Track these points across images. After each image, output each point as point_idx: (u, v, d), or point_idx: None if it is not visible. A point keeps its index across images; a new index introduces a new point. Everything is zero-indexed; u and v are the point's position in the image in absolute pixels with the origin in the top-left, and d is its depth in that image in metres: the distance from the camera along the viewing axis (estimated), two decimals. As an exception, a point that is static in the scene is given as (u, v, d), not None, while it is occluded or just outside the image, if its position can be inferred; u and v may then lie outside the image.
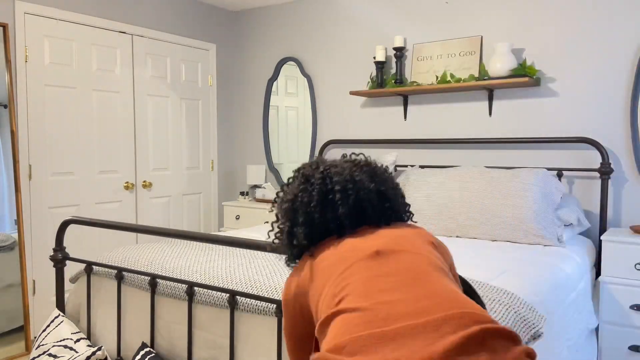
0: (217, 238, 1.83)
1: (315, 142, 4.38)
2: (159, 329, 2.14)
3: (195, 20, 4.48)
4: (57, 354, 2.09)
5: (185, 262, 2.25)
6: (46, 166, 3.46)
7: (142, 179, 4.07)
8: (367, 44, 4.06)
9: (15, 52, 3.27)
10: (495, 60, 3.28)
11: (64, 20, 3.53)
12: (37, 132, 3.41)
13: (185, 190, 4.44)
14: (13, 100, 3.25)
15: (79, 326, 2.42)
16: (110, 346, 2.30)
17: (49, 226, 3.48)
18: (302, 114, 4.50)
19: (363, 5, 4.07)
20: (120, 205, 3.92)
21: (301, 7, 4.42)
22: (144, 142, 4.09)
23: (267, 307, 1.84)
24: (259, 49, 4.70)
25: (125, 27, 3.91)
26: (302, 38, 4.42)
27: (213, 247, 2.57)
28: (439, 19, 3.72)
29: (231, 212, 4.48)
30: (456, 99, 3.67)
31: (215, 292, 1.97)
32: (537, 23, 3.36)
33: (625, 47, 3.09)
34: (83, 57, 3.66)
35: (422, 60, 3.74)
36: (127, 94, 3.95)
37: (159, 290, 2.13)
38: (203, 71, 4.58)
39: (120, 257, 2.37)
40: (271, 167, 4.67)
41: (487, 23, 3.53)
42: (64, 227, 2.35)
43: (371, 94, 3.88)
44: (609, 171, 3.05)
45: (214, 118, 4.69)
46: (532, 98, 3.38)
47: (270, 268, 2.16)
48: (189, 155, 4.47)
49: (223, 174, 4.82)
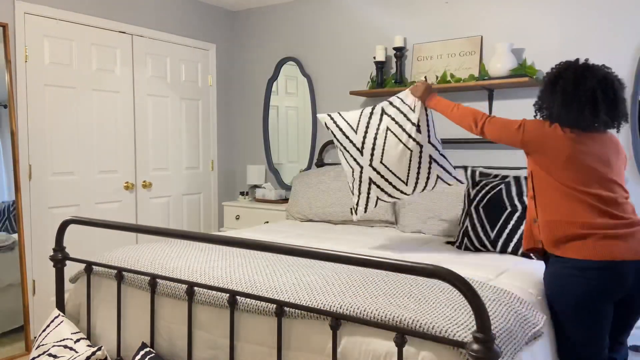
0: (217, 238, 1.83)
1: (315, 142, 4.38)
2: (159, 329, 2.14)
3: (195, 20, 4.48)
4: (57, 354, 2.08)
5: (185, 262, 2.25)
6: (46, 166, 3.46)
7: (142, 179, 4.07)
8: (367, 44, 4.06)
9: (15, 52, 3.27)
10: (495, 60, 3.28)
11: (64, 20, 3.53)
12: (37, 132, 3.41)
13: (185, 190, 4.44)
14: (13, 100, 3.25)
15: (79, 326, 2.42)
16: (110, 346, 2.30)
17: (49, 226, 3.48)
18: (302, 114, 4.50)
19: (363, 5, 4.07)
20: (120, 205, 3.92)
21: (301, 7, 4.42)
22: (144, 142, 4.09)
23: (267, 307, 1.84)
24: (259, 49, 4.70)
25: (125, 27, 3.91)
26: (302, 38, 4.42)
27: (213, 247, 2.57)
28: (439, 19, 3.72)
29: (231, 212, 4.48)
30: (456, 98, 3.67)
31: (215, 292, 1.97)
32: (537, 23, 3.36)
33: (625, 47, 3.09)
34: (83, 57, 3.66)
35: (422, 60, 3.74)
36: (127, 94, 3.95)
37: (159, 290, 2.13)
38: (203, 71, 4.58)
39: (120, 257, 2.37)
40: (271, 167, 4.67)
41: (487, 23, 3.53)
42: (64, 227, 2.35)
43: (371, 94, 3.88)
44: (609, 171, 3.05)
45: (214, 118, 4.69)
46: (532, 98, 3.38)
47: (270, 268, 2.16)
48: (188, 155, 4.47)
49: (223, 174, 4.82)
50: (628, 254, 1.88)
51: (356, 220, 2.82)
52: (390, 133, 2.51)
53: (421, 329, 1.56)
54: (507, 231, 2.65)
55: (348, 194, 3.53)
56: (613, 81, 1.98)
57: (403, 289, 1.85)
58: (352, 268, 2.17)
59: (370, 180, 2.56)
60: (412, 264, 1.43)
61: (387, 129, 2.52)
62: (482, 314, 1.34)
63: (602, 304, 1.92)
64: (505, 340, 1.58)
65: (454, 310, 1.65)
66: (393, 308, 1.66)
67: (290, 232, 3.28)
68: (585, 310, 1.92)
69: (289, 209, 3.85)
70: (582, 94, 1.94)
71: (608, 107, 1.95)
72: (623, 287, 1.91)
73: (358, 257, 1.53)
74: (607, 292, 1.90)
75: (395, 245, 2.88)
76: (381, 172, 2.53)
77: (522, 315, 1.77)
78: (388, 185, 2.56)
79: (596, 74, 1.96)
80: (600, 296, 1.90)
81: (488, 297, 1.80)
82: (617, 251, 1.88)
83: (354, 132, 2.57)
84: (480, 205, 2.77)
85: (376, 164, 2.53)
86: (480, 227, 2.72)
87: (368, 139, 2.53)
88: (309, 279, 1.99)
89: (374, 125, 2.55)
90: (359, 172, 2.58)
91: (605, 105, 1.94)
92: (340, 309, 1.71)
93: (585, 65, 2.01)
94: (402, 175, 2.54)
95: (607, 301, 1.93)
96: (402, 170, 2.53)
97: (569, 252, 1.94)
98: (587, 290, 1.90)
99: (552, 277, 2.02)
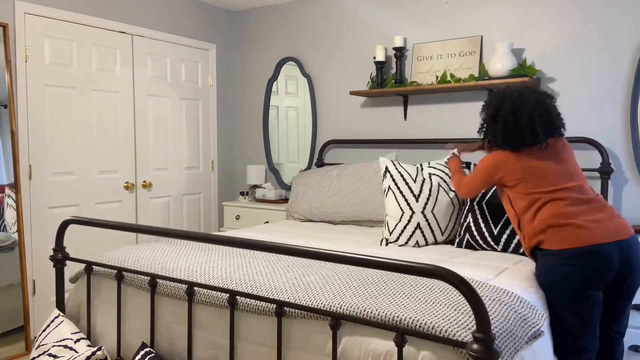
0: (217, 238, 1.83)
1: (315, 142, 4.38)
2: (159, 329, 2.14)
3: (195, 20, 4.48)
4: (57, 354, 2.09)
5: (185, 262, 2.25)
6: (46, 166, 3.46)
7: (142, 179, 4.07)
8: (367, 44, 4.06)
9: (15, 52, 3.27)
10: (495, 60, 3.28)
11: (64, 20, 3.54)
12: (37, 132, 3.41)
13: (185, 190, 4.44)
14: (13, 100, 3.26)
15: (79, 326, 2.42)
16: (110, 346, 2.30)
17: (49, 226, 3.48)
18: (302, 114, 4.51)
19: (363, 5, 4.07)
20: (120, 205, 3.92)
21: (301, 7, 4.42)
22: (144, 142, 4.09)
23: (267, 307, 1.84)
24: (259, 49, 4.70)
25: (125, 27, 3.91)
26: (302, 38, 4.42)
27: (213, 247, 2.57)
28: (439, 19, 3.72)
29: (231, 212, 4.48)
30: (456, 99, 3.67)
31: (215, 292, 1.97)
32: (537, 23, 3.36)
33: (625, 47, 3.09)
34: (83, 57, 3.66)
35: (422, 60, 3.74)
36: (127, 94, 3.95)
37: (159, 290, 2.13)
38: (203, 71, 4.58)
39: (120, 257, 2.37)
40: (271, 167, 4.67)
41: (487, 23, 3.53)
42: (64, 227, 2.35)
43: (371, 94, 3.88)
44: (609, 171, 3.05)
45: (214, 118, 4.69)
46: (532, 98, 3.38)
47: (270, 268, 2.16)
48: (188, 155, 4.47)
49: (223, 174, 4.82)
50: (608, 236, 2.06)
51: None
52: (442, 189, 2.93)
53: (421, 328, 1.56)
54: (511, 227, 2.66)
55: (348, 194, 3.53)
56: (544, 101, 2.26)
57: (403, 289, 1.85)
58: (352, 268, 2.17)
59: (418, 225, 2.88)
60: (411, 264, 1.43)
61: (438, 185, 2.95)
62: (482, 314, 1.34)
63: (594, 290, 2.06)
64: (505, 340, 1.58)
65: (454, 310, 1.65)
66: (393, 308, 1.66)
67: (290, 232, 3.28)
68: (580, 296, 2.05)
69: (288, 209, 3.85)
70: (521, 122, 2.22)
71: (545, 127, 2.23)
72: (611, 268, 2.05)
73: (358, 257, 1.53)
74: (598, 275, 2.04)
75: (395, 245, 2.88)
76: (429, 220, 2.88)
77: (522, 314, 1.77)
78: (430, 233, 2.89)
79: (530, 100, 2.24)
80: (592, 281, 2.04)
81: (488, 297, 1.80)
82: (598, 234, 2.04)
83: (412, 180, 2.95)
84: (483, 201, 2.78)
85: (427, 212, 2.88)
86: (484, 223, 2.73)
87: (424, 189, 2.92)
88: (309, 279, 1.99)
89: (427, 180, 2.96)
90: (409, 216, 2.89)
91: (542, 127, 2.22)
92: (340, 309, 1.71)
93: (519, 93, 2.29)
94: (443, 226, 2.90)
95: (598, 286, 2.07)
96: (444, 221, 2.90)
97: (553, 244, 2.09)
98: (580, 276, 2.04)
99: (544, 270, 2.14)
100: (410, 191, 2.91)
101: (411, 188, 2.92)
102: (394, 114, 3.95)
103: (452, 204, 2.92)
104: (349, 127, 4.18)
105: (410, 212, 2.88)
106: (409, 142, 3.77)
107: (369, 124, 4.07)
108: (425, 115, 3.81)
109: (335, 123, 4.26)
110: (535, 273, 2.22)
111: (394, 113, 3.95)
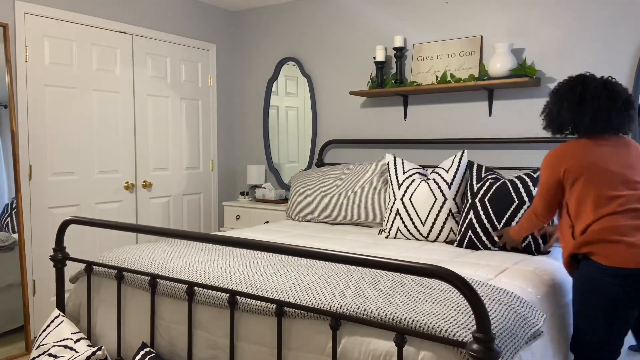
0: (217, 238, 1.83)
1: (315, 142, 4.38)
2: (159, 329, 2.14)
3: (195, 20, 4.48)
4: (57, 354, 2.09)
5: (185, 262, 2.25)
6: (46, 166, 3.46)
7: (142, 179, 4.07)
8: (367, 44, 4.06)
9: (15, 52, 3.27)
10: (495, 60, 3.28)
11: (64, 20, 3.54)
12: (37, 132, 3.41)
13: (185, 190, 4.44)
14: (13, 100, 3.26)
15: (79, 326, 2.42)
16: (110, 346, 2.30)
17: (49, 226, 3.48)
18: (302, 114, 4.51)
19: (363, 5, 4.07)
20: (120, 205, 3.92)
21: (301, 7, 4.42)
22: (144, 142, 4.09)
23: (267, 307, 1.84)
24: (259, 49, 4.70)
25: (125, 27, 3.91)
26: (302, 38, 4.42)
27: (213, 247, 2.57)
28: (439, 19, 3.72)
29: (231, 212, 4.48)
30: (456, 99, 3.67)
31: (215, 292, 1.97)
32: (537, 23, 3.36)
33: (625, 47, 3.09)
34: (83, 57, 3.66)
35: (422, 60, 3.74)
36: (127, 94, 3.95)
37: (159, 290, 2.13)
38: (203, 71, 4.58)
39: (120, 257, 2.37)
40: (271, 167, 4.67)
41: (487, 23, 3.53)
42: (64, 227, 2.35)
43: (371, 94, 3.88)
44: (609, 171, 3.05)
45: (214, 118, 4.69)
46: (532, 98, 3.38)
47: (270, 268, 2.16)
48: (188, 155, 4.47)
49: (223, 174, 4.82)
50: None
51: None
52: (425, 184, 3.06)
53: (421, 328, 1.56)
54: (514, 224, 2.65)
55: (348, 194, 3.53)
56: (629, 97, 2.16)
57: (403, 289, 1.85)
58: (352, 268, 2.17)
59: (397, 212, 3.07)
60: (411, 264, 1.43)
61: (423, 177, 3.16)
62: (482, 314, 1.34)
63: (630, 310, 2.00)
64: (505, 340, 1.58)
65: (454, 310, 1.65)
66: (393, 308, 1.66)
67: (290, 232, 3.29)
68: (615, 314, 1.99)
69: (288, 209, 3.85)
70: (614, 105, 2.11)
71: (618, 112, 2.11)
72: None
73: (358, 257, 1.53)
74: (637, 298, 1.98)
75: (395, 245, 2.88)
76: (407, 207, 3.04)
77: (522, 314, 1.77)
78: (409, 219, 3.02)
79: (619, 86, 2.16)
80: (632, 302, 1.98)
81: (488, 297, 1.81)
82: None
83: (403, 174, 3.19)
84: (485, 198, 2.77)
85: (405, 199, 3.06)
86: (487, 219, 2.72)
87: (407, 181, 3.13)
88: (309, 279, 1.99)
89: (418, 175, 3.17)
90: (392, 203, 3.13)
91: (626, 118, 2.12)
92: (340, 309, 1.71)
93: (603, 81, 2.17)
94: (423, 216, 2.99)
95: (635, 307, 2.00)
96: (423, 211, 2.99)
97: (600, 257, 2.00)
98: (622, 296, 1.97)
99: (584, 280, 2.06)
100: (397, 181, 3.17)
101: (398, 179, 3.18)
102: (394, 114, 3.95)
103: (432, 195, 2.99)
104: (349, 127, 4.19)
105: (393, 199, 3.13)
106: (409, 142, 3.77)
107: (369, 124, 4.08)
108: (425, 115, 3.81)
109: (335, 123, 4.26)
110: (574, 278, 2.13)
111: (394, 113, 3.95)
